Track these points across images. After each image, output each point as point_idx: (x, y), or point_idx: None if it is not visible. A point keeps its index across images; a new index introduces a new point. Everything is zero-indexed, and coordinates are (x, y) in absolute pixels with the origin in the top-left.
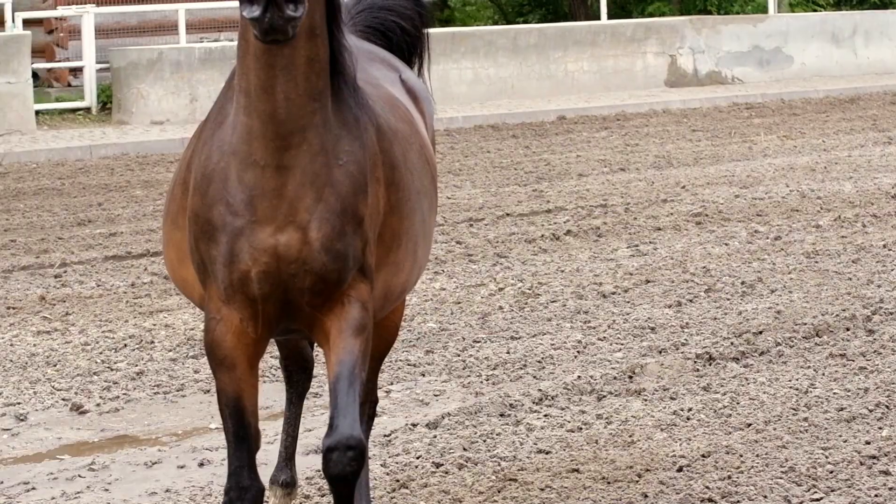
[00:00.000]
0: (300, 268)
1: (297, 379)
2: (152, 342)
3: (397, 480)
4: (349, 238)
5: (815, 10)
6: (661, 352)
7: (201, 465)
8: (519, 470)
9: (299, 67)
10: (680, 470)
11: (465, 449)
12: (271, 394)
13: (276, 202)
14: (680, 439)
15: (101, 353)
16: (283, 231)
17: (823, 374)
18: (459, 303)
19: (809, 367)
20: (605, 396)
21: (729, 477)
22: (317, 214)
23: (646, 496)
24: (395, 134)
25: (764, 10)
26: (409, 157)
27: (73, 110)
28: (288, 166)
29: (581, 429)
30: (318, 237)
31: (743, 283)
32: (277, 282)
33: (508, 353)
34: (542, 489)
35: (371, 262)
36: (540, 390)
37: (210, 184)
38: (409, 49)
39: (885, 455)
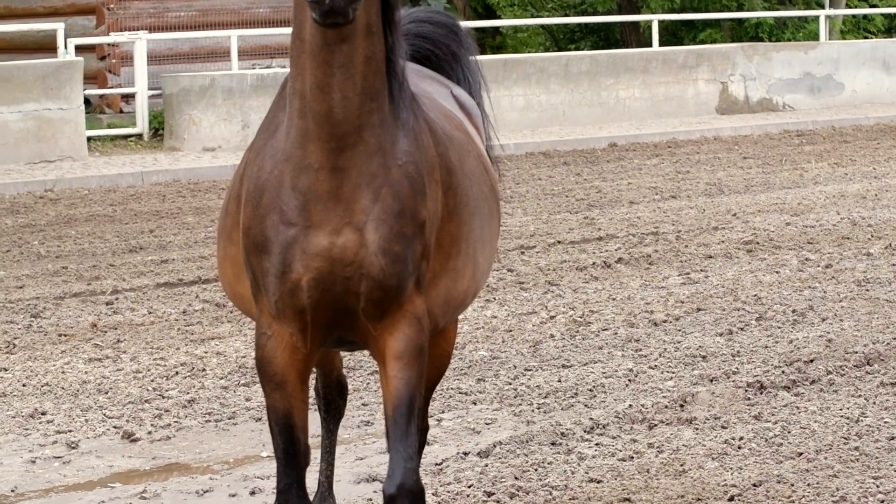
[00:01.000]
0: (356, 271)
1: (335, 406)
2: (204, 370)
3: None
4: (408, 241)
5: (866, 37)
6: (712, 380)
7: (253, 493)
8: (570, 499)
9: (357, 66)
10: (731, 499)
11: (516, 478)
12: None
13: (331, 205)
14: (731, 468)
15: (152, 380)
16: (339, 234)
17: (874, 403)
18: (511, 331)
19: (860, 395)
20: (656, 425)
21: None
22: (374, 215)
23: None
24: (450, 139)
25: (815, 37)
26: (465, 163)
27: (125, 136)
28: (344, 167)
29: (632, 458)
30: (375, 239)
31: (794, 311)
32: (330, 288)
33: (560, 381)
34: None
35: (426, 272)
36: (591, 419)
37: (263, 194)
38: (448, 76)
39: None
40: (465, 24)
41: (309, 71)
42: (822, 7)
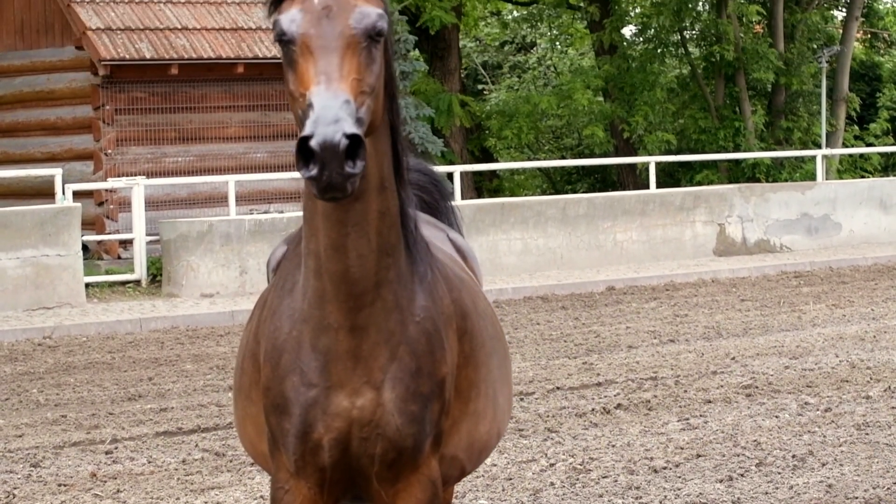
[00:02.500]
0: (372, 432)
1: None
2: None
3: None
4: (425, 400)
5: (863, 177)
6: None
7: None
8: None
9: (371, 223)
10: None
11: None
12: None
13: (350, 364)
14: None
15: None
16: (359, 393)
17: None
18: (511, 479)
19: None
20: None
21: None
22: (391, 374)
23: None
24: (461, 282)
25: (812, 176)
26: (478, 304)
27: (123, 283)
28: (362, 326)
29: None
30: (391, 398)
31: (794, 456)
32: (347, 447)
33: None
34: None
35: (444, 430)
36: None
37: (282, 355)
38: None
39: None
40: (463, 167)
41: (323, 231)
42: (819, 147)
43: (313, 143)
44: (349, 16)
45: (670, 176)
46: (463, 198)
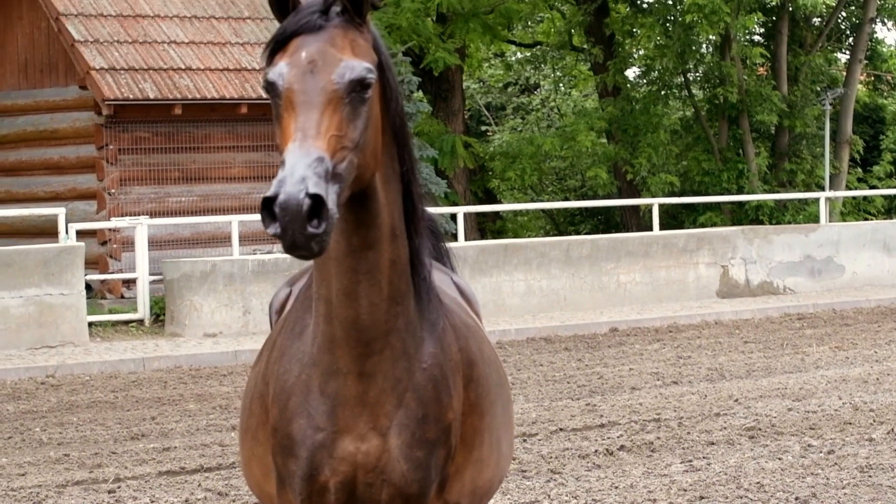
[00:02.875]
0: (378, 477)
1: None
2: None
3: None
4: (431, 446)
5: (866, 219)
6: None
7: None
8: None
9: (383, 271)
10: None
11: None
12: None
13: (357, 410)
14: None
15: None
16: (364, 439)
17: None
18: None
19: None
20: None
21: None
22: (397, 420)
23: None
24: (468, 329)
25: (816, 219)
26: (484, 351)
27: (126, 322)
28: (371, 373)
29: None
30: (397, 444)
31: (797, 498)
32: (353, 491)
33: None
34: None
35: (449, 476)
36: None
37: (290, 397)
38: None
39: None
40: (467, 208)
41: (334, 278)
42: (823, 189)
43: (276, 203)
44: (333, 70)
45: (674, 218)
46: (466, 239)
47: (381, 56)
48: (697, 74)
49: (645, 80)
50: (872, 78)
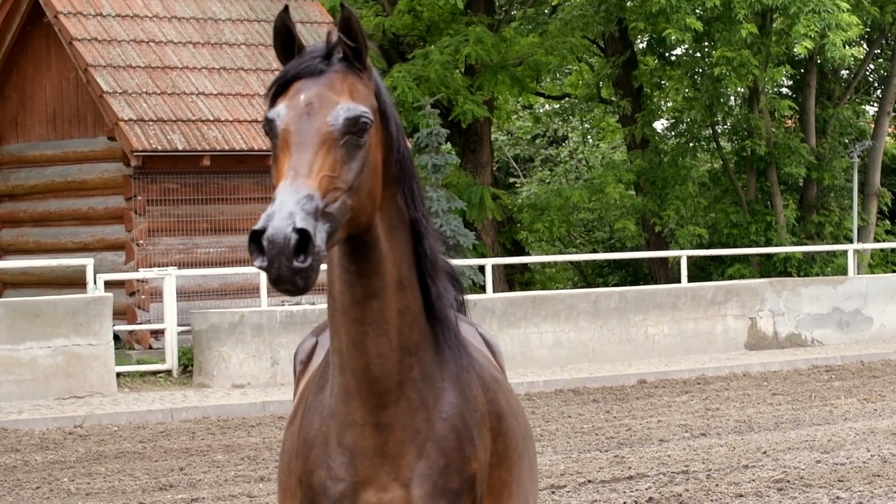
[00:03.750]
0: None
1: None
2: None
3: None
4: (454, 496)
5: (894, 271)
6: None
7: None
8: None
9: (390, 321)
10: None
11: None
12: None
13: (377, 461)
14: None
15: None
16: (386, 490)
17: None
18: None
19: None
20: None
21: None
22: (418, 471)
23: None
24: (497, 383)
25: (844, 271)
26: (511, 404)
27: (154, 373)
28: (387, 423)
29: None
30: (420, 495)
31: None
32: None
33: None
34: None
35: None
36: None
37: (311, 449)
38: None
39: None
40: (495, 260)
41: (343, 328)
42: (851, 241)
43: (264, 236)
44: (328, 112)
45: (702, 270)
46: (495, 291)
47: (382, 103)
48: (726, 127)
49: (673, 133)
50: None
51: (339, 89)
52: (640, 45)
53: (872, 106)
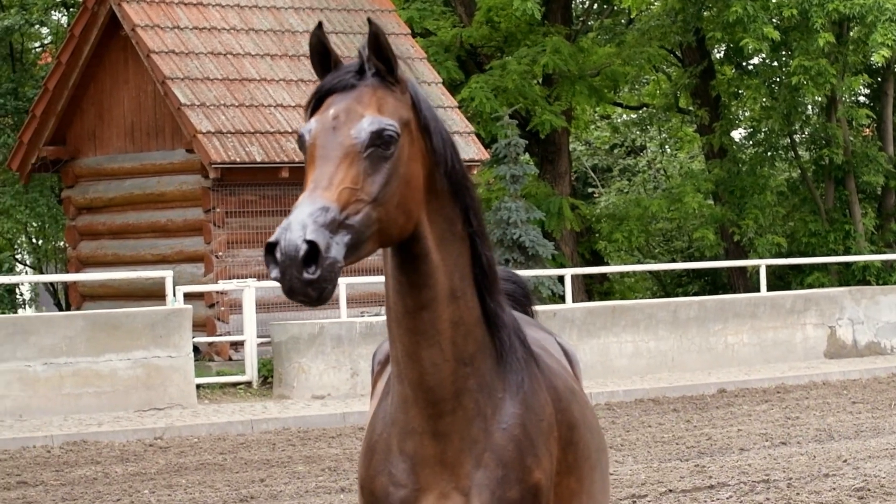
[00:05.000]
0: None
1: None
2: None
3: None
4: None
5: None
6: None
7: None
8: None
9: (442, 332)
10: None
11: None
12: None
13: (437, 469)
14: None
15: None
16: (447, 498)
17: None
18: None
19: None
20: None
21: None
22: (477, 481)
23: None
24: (572, 393)
25: None
26: (586, 416)
27: (234, 384)
28: (445, 433)
29: None
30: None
31: None
32: None
33: None
34: None
35: None
36: None
37: (373, 455)
38: None
39: None
40: (574, 270)
41: (398, 338)
42: None
43: (277, 248)
44: (352, 126)
45: (781, 279)
46: (574, 300)
47: (422, 118)
48: (803, 136)
49: (751, 142)
50: None
51: (367, 103)
52: (718, 55)
53: None
